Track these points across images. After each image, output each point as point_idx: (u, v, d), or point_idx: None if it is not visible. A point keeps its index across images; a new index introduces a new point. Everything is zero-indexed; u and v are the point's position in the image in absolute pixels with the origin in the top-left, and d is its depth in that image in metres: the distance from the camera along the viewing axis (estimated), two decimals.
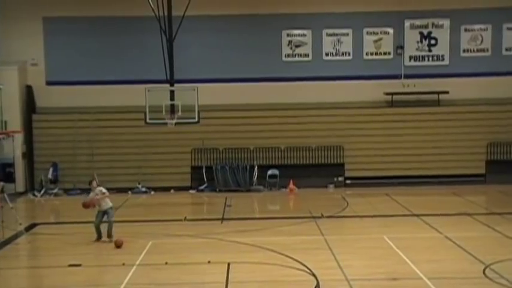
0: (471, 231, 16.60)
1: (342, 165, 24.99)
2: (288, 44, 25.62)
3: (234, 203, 21.92)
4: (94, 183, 16.43)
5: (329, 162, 24.83)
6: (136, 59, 24.92)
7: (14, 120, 24.01)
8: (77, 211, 20.19)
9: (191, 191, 24.51)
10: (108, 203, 16.14)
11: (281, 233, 16.97)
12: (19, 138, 24.18)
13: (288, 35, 25.60)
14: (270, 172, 24.65)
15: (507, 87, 25.14)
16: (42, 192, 24.01)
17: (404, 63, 25.54)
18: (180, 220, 18.95)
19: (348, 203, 21.38)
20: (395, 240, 15.38)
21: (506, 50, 25.55)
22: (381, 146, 24.88)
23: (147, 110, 21.71)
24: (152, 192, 24.25)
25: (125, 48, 25.08)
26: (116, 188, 23.51)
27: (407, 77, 25.36)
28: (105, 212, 15.80)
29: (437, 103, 25.30)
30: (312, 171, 24.53)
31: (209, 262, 13.81)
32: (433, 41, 25.55)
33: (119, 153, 24.61)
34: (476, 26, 25.51)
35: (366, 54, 25.66)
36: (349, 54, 25.63)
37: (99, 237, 15.79)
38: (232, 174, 24.48)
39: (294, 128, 25.01)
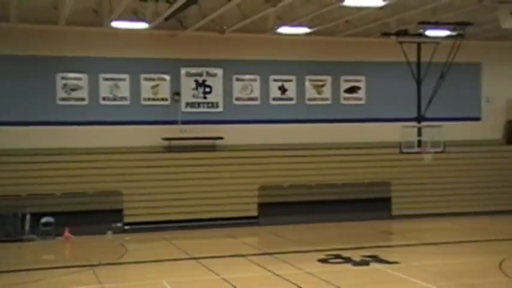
0: (245, 271, 17.28)
1: (121, 210, 24.65)
2: (63, 87, 24.91)
3: (3, 254, 20.41)
4: None
5: (107, 208, 24.31)
6: None
7: None
8: None
9: None
10: None
11: (57, 283, 16.14)
12: None
13: (62, 78, 24.91)
14: (44, 220, 23.42)
15: (275, 133, 26.99)
16: None
17: (181, 109, 26.20)
18: None
19: (126, 249, 21.06)
20: (174, 285, 15.47)
21: (273, 99, 27.49)
22: (160, 190, 25.04)
23: None
24: None
25: None
26: None
27: (184, 122, 26.02)
28: None
29: (213, 148, 26.26)
30: (89, 218, 23.80)
31: None
32: (207, 89, 26.61)
33: None
34: (246, 76, 27.14)
35: (144, 99, 25.89)
36: (126, 99, 25.64)
37: None
38: (0, 223, 22.82)
39: (69, 173, 24.21)
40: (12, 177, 23.53)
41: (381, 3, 19.65)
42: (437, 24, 23.18)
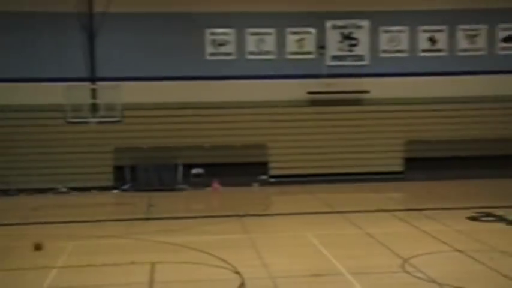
0: (390, 227, 17.07)
1: (266, 163, 25.17)
2: (212, 43, 25.58)
3: (158, 202, 21.70)
4: None
5: (253, 160, 24.92)
6: (56, 56, 24.19)
7: None
8: None
9: (114, 191, 24.08)
10: None
11: (205, 232, 16.92)
12: None
13: (211, 33, 25.57)
14: (194, 171, 24.56)
15: (424, 86, 26.05)
16: None
17: (326, 63, 25.99)
18: (103, 220, 18.58)
19: (272, 201, 21.57)
20: (318, 238, 15.62)
21: (423, 51, 26.45)
22: (305, 144, 25.26)
23: (68, 108, 21.20)
24: (73, 193, 23.69)
25: (44, 44, 24.32)
26: (34, 188, 22.96)
27: (329, 76, 25.81)
28: None
29: (358, 102, 25.92)
30: (236, 170, 24.54)
31: (133, 263, 13.61)
32: (353, 42, 26.12)
33: (38, 153, 23.88)
34: (394, 28, 26.27)
35: (289, 53, 25.95)
36: (272, 54, 25.84)
37: None
38: (155, 173, 24.23)
39: (217, 126, 25.03)
40: (166, 129, 24.77)
41: None
42: None
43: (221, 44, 25.65)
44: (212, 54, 25.66)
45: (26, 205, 21.16)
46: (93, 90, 21.68)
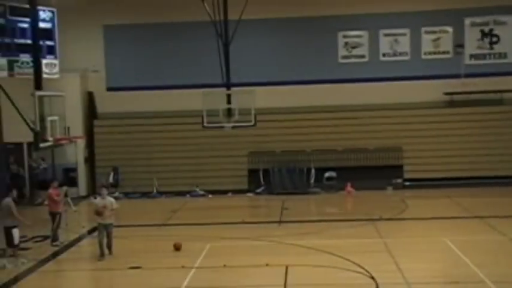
0: None
1: (401, 166, 24.61)
2: (344, 45, 25.42)
3: (291, 205, 21.87)
4: (104, 191, 15.36)
5: (387, 163, 24.45)
6: (193, 64, 25.14)
7: (76, 126, 24.45)
8: (136, 214, 20.68)
9: (248, 194, 24.57)
10: (112, 218, 15.07)
11: (339, 235, 16.83)
12: (81, 143, 24.82)
13: (344, 36, 25.41)
14: (327, 174, 24.49)
15: None
16: None
17: (465, 62, 24.95)
18: (238, 223, 19.02)
19: (407, 205, 21.03)
20: (457, 243, 15.03)
21: None
22: (441, 147, 24.40)
23: (205, 113, 21.89)
24: (210, 196, 24.46)
25: (182, 53, 25.35)
26: (174, 191, 23.98)
27: (467, 76, 24.75)
28: (106, 226, 14.93)
29: (500, 102, 24.64)
30: (369, 173, 24.18)
31: (267, 265, 13.81)
32: (494, 39, 24.90)
33: (177, 157, 24.93)
34: None
35: (424, 53, 25.24)
36: (406, 54, 25.26)
37: (103, 254, 14.96)
38: (289, 176, 24.45)
39: (350, 129, 24.79)
40: (299, 133, 24.89)
41: None
42: None
43: (354, 47, 25.41)
44: (345, 57, 25.48)
45: (167, 207, 22.14)
46: (228, 96, 22.24)
